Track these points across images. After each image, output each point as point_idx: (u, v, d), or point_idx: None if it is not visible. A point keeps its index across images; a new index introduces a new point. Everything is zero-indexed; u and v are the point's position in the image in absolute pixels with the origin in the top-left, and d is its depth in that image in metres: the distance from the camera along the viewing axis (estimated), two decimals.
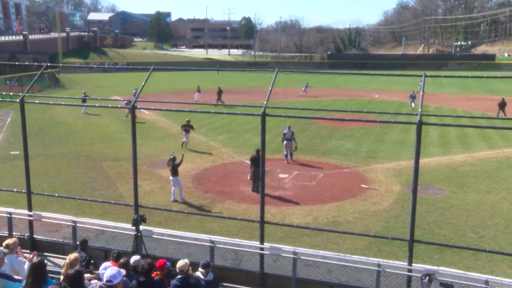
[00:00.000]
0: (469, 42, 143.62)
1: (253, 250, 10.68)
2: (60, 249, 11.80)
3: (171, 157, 16.52)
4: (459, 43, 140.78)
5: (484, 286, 8.76)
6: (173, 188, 16.62)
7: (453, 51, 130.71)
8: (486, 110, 35.03)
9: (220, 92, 42.16)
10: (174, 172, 16.33)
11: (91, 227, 12.13)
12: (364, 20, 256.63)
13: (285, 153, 21.99)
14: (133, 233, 10.76)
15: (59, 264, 10.52)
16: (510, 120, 28.90)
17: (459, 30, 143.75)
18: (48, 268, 6.70)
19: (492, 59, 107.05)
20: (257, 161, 16.34)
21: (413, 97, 43.33)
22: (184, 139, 24.77)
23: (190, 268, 7.79)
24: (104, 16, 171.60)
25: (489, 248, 11.87)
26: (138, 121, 11.48)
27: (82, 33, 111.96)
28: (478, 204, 15.98)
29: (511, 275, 10.83)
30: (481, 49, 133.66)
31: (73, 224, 11.66)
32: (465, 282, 9.01)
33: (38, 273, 6.08)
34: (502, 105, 32.30)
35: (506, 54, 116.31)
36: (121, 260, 7.64)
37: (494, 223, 14.37)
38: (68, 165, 21.00)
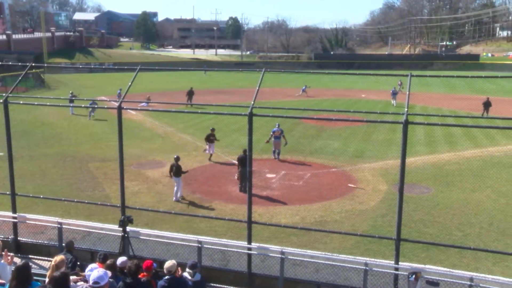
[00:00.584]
0: (454, 42, 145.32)
1: (240, 250, 10.67)
2: (46, 251, 11.68)
3: (175, 157, 16.95)
4: (444, 43, 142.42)
5: (469, 283, 8.85)
6: (175, 188, 16.72)
7: (439, 51, 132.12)
8: (471, 109, 35.47)
9: (191, 93, 40.24)
10: (177, 173, 16.49)
11: (77, 228, 12.02)
12: (350, 20, 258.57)
13: (273, 149, 22.17)
14: (120, 234, 10.70)
15: (44, 266, 10.40)
16: (494, 119, 29.29)
17: (444, 30, 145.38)
18: (33, 270, 6.62)
19: (476, 59, 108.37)
20: (245, 161, 16.41)
21: (394, 93, 44.12)
22: (209, 150, 22.21)
23: (179, 268, 7.76)
24: (90, 16, 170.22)
25: (474, 246, 12.02)
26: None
27: (68, 33, 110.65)
28: (464, 203, 16.16)
29: (495, 271, 10.99)
30: (466, 49, 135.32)
31: (58, 225, 11.54)
32: (451, 280, 9.10)
33: (22, 276, 5.99)
34: (487, 105, 32.68)
35: (489, 54, 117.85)
36: (108, 262, 7.59)
37: (479, 221, 14.54)
38: (54, 166, 20.78)
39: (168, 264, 7.54)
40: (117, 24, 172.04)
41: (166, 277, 7.50)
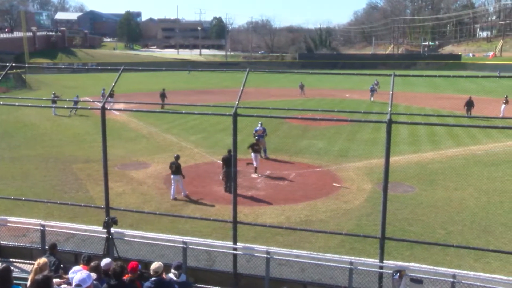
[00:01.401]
0: (437, 42, 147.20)
1: (226, 251, 10.65)
2: (28, 254, 11.49)
3: (175, 156, 17.20)
4: (427, 43, 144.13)
5: (452, 280, 8.97)
6: (172, 186, 16.87)
7: (421, 51, 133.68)
8: (453, 108, 35.96)
9: (163, 95, 38.53)
10: (177, 171, 16.71)
11: (60, 230, 11.86)
12: (334, 20, 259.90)
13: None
14: (104, 236, 10.59)
15: (26, 270, 10.24)
16: (475, 118, 29.74)
17: (427, 30, 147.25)
18: (14, 274, 6.52)
19: (458, 59, 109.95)
20: (229, 161, 16.49)
21: (372, 90, 45.11)
22: (253, 162, 19.71)
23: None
24: (72, 16, 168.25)
25: (456, 243, 12.17)
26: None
27: (50, 33, 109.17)
28: (447, 201, 16.35)
29: (476, 268, 11.16)
30: (448, 49, 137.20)
31: (41, 228, 11.38)
32: (434, 277, 9.21)
33: (2, 279, 5.89)
34: (470, 104, 33.07)
35: (471, 54, 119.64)
36: (92, 264, 7.51)
37: (461, 218, 14.73)
38: (36, 168, 20.50)
39: (154, 265, 7.49)
40: (100, 24, 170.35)
41: (153, 278, 7.45)
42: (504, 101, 34.05)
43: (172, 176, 16.89)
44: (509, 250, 11.77)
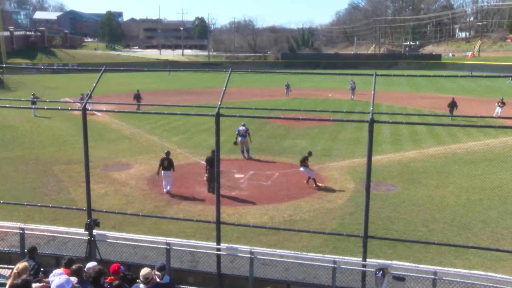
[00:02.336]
0: (417, 42, 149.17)
1: (209, 251, 10.60)
2: (6, 258, 11.25)
3: (166, 152, 17.66)
4: (408, 43, 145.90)
5: (433, 277, 9.08)
6: (164, 182, 17.37)
7: (403, 50, 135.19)
8: (434, 107, 36.44)
9: (138, 97, 36.83)
10: (167, 167, 17.17)
11: (41, 233, 11.66)
12: (317, 20, 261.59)
13: (241, 149, 22.26)
14: (86, 238, 10.46)
15: (4, 275, 10.05)
16: (455, 117, 30.18)
17: (408, 30, 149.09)
18: None
19: (438, 59, 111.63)
20: (213, 162, 16.46)
21: (353, 89, 45.94)
22: (309, 175, 18.64)
23: (153, 272, 7.65)
24: (52, 15, 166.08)
25: (437, 241, 12.38)
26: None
27: (28, 33, 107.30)
28: (428, 199, 16.56)
29: (456, 264, 11.34)
30: (428, 49, 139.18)
31: (21, 231, 11.17)
32: (416, 274, 9.32)
33: None
34: (452, 105, 33.25)
35: (450, 54, 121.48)
36: (73, 267, 7.40)
37: (442, 216, 14.94)
38: (16, 170, 20.15)
39: (144, 271, 7.40)
40: (81, 24, 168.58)
41: (142, 286, 7.36)
42: (500, 104, 33.94)
43: (163, 172, 17.19)
44: (488, 246, 12.03)
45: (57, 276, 6.08)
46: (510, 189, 17.28)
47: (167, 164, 17.14)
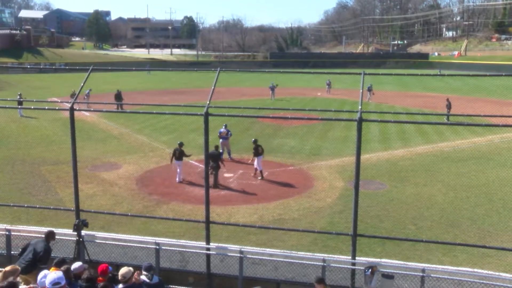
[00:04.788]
0: (405, 42, 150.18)
1: (199, 251, 10.59)
2: None
3: (179, 143, 18.72)
4: (396, 42, 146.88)
5: (421, 274, 9.16)
6: (178, 170, 18.49)
7: (391, 49, 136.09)
8: (422, 106, 36.73)
9: (119, 96, 36.19)
10: (180, 157, 18.36)
11: (28, 235, 11.53)
12: (305, 19, 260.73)
13: (221, 151, 22.23)
14: (75, 239, 10.38)
15: None
16: (442, 116, 30.44)
17: (396, 29, 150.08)
18: None
19: (426, 58, 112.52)
20: (215, 157, 17.55)
21: (328, 85, 48.07)
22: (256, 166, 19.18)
23: (137, 273, 7.60)
24: (38, 14, 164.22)
25: (426, 238, 12.50)
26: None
27: (14, 31, 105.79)
28: (416, 197, 16.69)
29: (444, 261, 11.47)
30: (416, 48, 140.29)
31: (7, 233, 11.05)
32: (405, 272, 9.40)
33: None
34: (449, 106, 33.02)
35: (436, 54, 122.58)
36: (62, 268, 7.34)
37: (431, 214, 15.06)
38: (1, 171, 19.90)
39: (123, 270, 7.34)
40: (68, 23, 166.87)
41: (121, 286, 7.31)
42: None
43: (175, 161, 18.38)
44: (474, 243, 12.18)
45: (52, 272, 6.01)
46: (496, 186, 17.50)
47: (178, 154, 18.29)
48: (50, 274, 5.92)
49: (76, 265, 7.67)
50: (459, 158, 22.19)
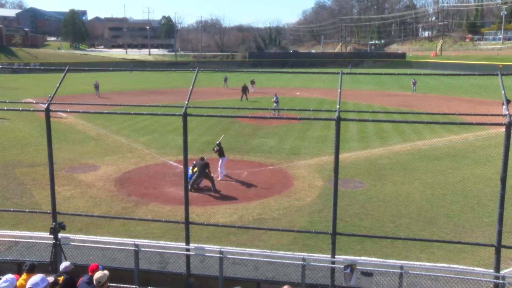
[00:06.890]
0: (383, 41, 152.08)
1: (179, 252, 10.53)
2: None
3: (217, 142, 19.04)
4: (373, 42, 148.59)
5: (400, 271, 9.29)
6: (219, 168, 18.77)
7: (368, 49, 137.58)
8: (399, 105, 37.21)
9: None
10: (220, 153, 18.73)
11: (1, 239, 11.31)
12: (284, 19, 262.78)
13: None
14: (51, 242, 10.20)
15: None
16: (420, 114, 30.88)
17: (373, 29, 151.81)
18: None
19: (403, 57, 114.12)
20: (202, 168, 17.37)
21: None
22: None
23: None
24: (10, 13, 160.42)
25: (404, 236, 12.67)
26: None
27: None
28: (395, 195, 16.89)
29: (422, 258, 11.66)
30: (393, 47, 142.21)
31: None
32: (384, 269, 9.52)
33: None
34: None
35: (419, 54, 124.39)
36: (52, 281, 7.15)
37: (409, 211, 15.27)
38: None
39: (98, 275, 7.23)
40: (42, 22, 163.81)
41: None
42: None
43: (220, 158, 18.81)
44: (451, 239, 12.43)
45: (35, 276, 5.87)
46: (471, 183, 17.86)
47: (217, 151, 18.73)
48: (31, 279, 5.77)
49: (65, 264, 7.58)
50: (436, 156, 22.55)
